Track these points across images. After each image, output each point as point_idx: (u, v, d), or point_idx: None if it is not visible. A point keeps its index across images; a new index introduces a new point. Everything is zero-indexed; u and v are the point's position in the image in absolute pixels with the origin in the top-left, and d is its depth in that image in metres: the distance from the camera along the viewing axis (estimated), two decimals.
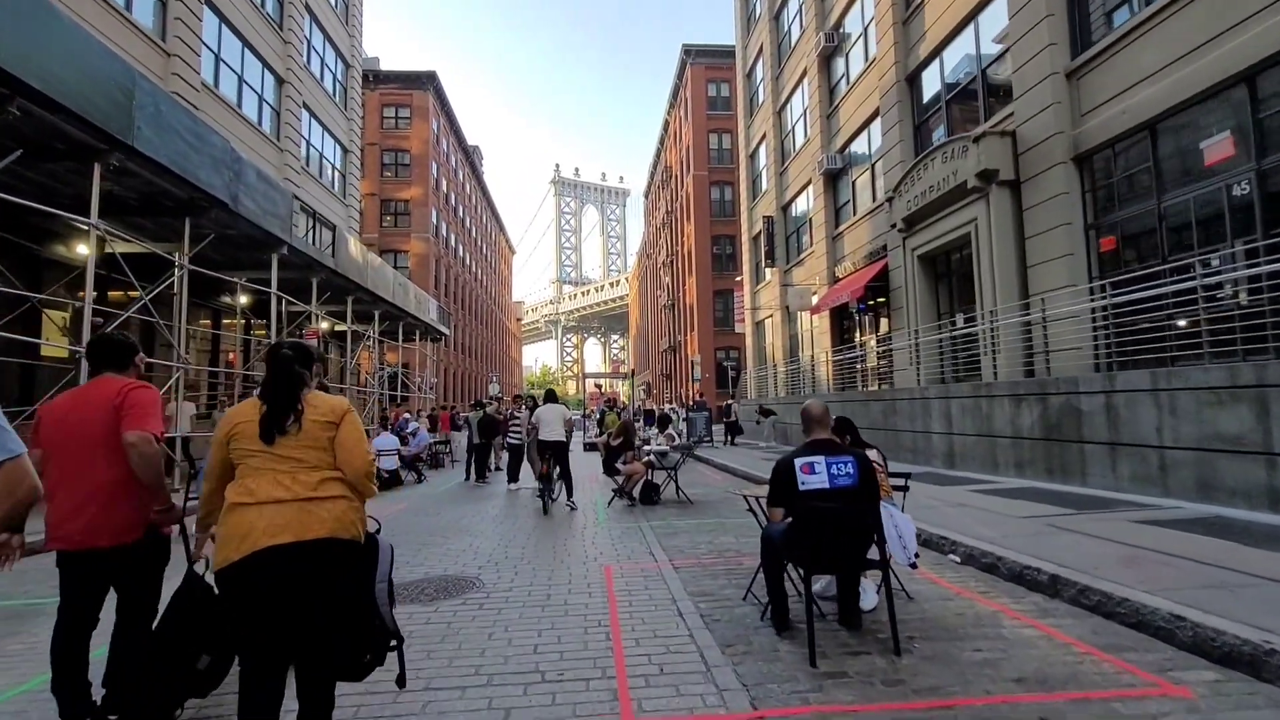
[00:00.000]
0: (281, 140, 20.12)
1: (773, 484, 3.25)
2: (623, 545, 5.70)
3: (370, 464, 2.32)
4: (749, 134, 27.54)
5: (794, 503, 3.07)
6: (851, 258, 17.18)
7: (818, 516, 2.93)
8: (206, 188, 10.22)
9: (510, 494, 9.91)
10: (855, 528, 2.98)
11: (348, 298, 17.45)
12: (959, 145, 11.22)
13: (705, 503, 8.20)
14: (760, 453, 15.67)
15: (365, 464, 2.28)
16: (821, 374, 18.35)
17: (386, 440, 11.00)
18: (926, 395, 10.62)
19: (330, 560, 2.03)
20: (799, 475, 3.07)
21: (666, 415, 9.52)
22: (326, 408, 2.23)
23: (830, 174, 18.48)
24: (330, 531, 2.04)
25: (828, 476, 3.02)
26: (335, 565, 2.05)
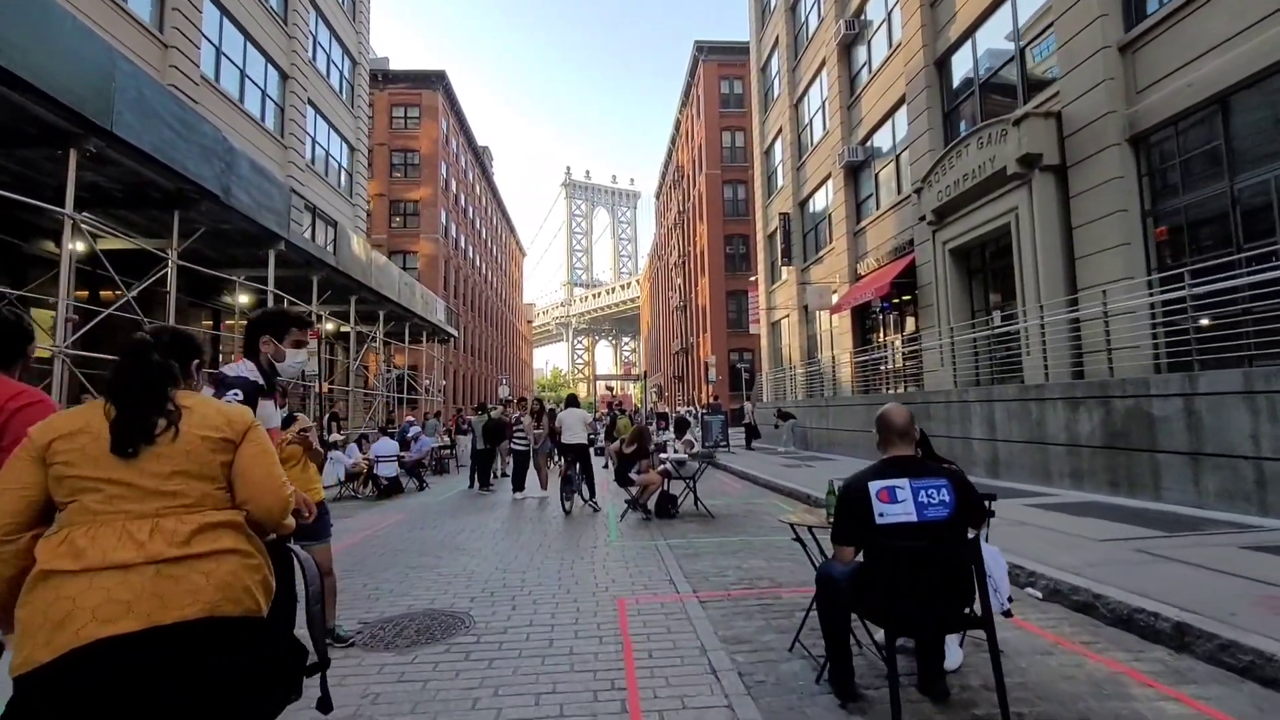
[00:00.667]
0: (286, 137, 19.64)
1: (839, 514, 2.52)
2: (638, 569, 4.99)
3: (289, 499, 1.63)
4: (764, 130, 26.77)
5: (868, 539, 2.35)
6: (875, 254, 16.37)
7: (901, 560, 2.22)
8: (195, 178, 9.65)
9: (515, 504, 9.22)
10: (952, 576, 2.25)
11: (351, 297, 16.90)
12: (997, 129, 10.42)
13: (727, 516, 7.47)
14: (780, 458, 14.89)
15: (282, 500, 1.60)
16: (843, 375, 17.54)
17: (385, 445, 10.37)
18: (965, 398, 9.81)
19: (208, 650, 1.33)
20: (875, 504, 2.33)
21: (684, 419, 8.77)
22: (220, 419, 1.54)
23: (851, 167, 17.69)
24: (208, 608, 1.34)
25: (914, 506, 2.28)
26: (216, 654, 1.34)
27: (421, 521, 7.79)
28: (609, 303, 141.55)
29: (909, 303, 15.12)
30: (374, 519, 8.13)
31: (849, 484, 2.47)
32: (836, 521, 2.55)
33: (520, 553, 5.71)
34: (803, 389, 21.01)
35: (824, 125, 19.98)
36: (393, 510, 8.97)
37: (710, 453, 7.64)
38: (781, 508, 8.06)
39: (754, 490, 10.16)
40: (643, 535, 6.45)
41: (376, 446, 10.37)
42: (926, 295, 13.32)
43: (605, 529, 6.93)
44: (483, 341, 49.58)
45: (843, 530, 2.52)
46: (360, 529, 7.34)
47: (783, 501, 8.62)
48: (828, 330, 20.16)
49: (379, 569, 5.18)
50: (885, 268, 15.43)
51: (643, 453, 7.33)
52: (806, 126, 21.88)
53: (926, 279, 13.30)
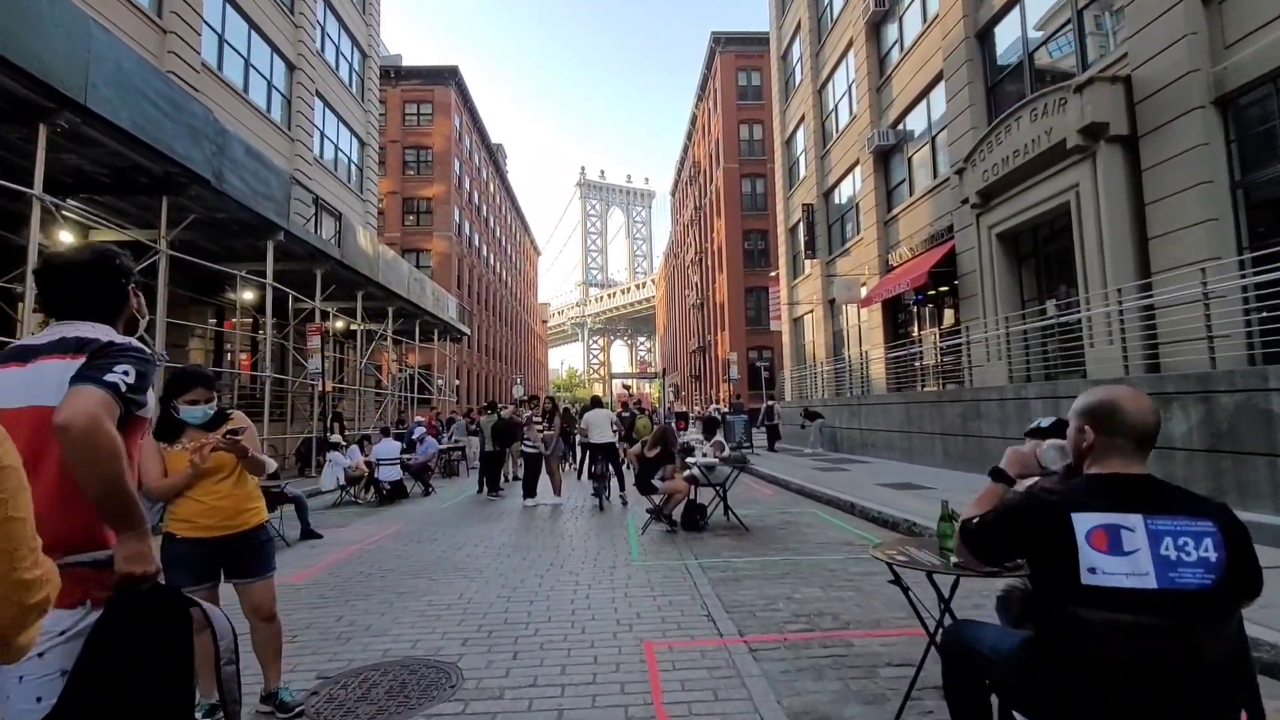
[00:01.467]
0: (293, 130, 19.07)
1: (1000, 535, 1.61)
2: (667, 599, 4.15)
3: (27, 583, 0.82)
4: (785, 119, 25.80)
5: (1062, 602, 1.46)
6: (908, 243, 15.37)
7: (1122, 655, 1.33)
8: (183, 160, 8.98)
9: (525, 512, 8.42)
10: (1206, 688, 1.36)
11: (358, 293, 16.24)
12: (1054, 98, 9.42)
13: (763, 529, 6.60)
14: (809, 460, 13.96)
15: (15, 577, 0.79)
16: (874, 373, 16.55)
17: (387, 448, 9.62)
18: (1024, 395, 8.83)
19: None
20: (1084, 549, 1.38)
21: (713, 418, 7.89)
22: None
23: (881, 152, 16.69)
24: None
25: (1153, 562, 1.39)
26: None
27: (420, 533, 7.01)
28: (624, 302, 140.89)
29: (947, 294, 14.13)
30: (369, 529, 7.38)
31: (1029, 506, 1.55)
32: (988, 549, 1.64)
33: (528, 574, 4.90)
34: (828, 387, 20.02)
35: (850, 110, 19.00)
36: (392, 518, 8.22)
37: (743, 456, 6.77)
38: (822, 517, 7.18)
39: (787, 497, 9.27)
40: (669, 552, 5.61)
41: (378, 449, 9.64)
42: (969, 284, 12.32)
43: (625, 543, 6.10)
44: (497, 341, 49.03)
45: (995, 551, 1.63)
46: (350, 541, 6.58)
47: (822, 510, 7.73)
48: (855, 325, 19.16)
49: (359, 596, 4.39)
50: (920, 257, 14.44)
51: (667, 456, 6.49)
52: (831, 113, 20.89)
53: (969, 267, 12.30)
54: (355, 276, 15.37)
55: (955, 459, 10.58)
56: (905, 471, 10.59)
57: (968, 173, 11.77)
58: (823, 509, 7.85)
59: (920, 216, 14.87)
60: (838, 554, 5.25)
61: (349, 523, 7.99)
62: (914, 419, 12.18)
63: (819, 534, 6.21)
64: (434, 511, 8.76)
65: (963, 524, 1.71)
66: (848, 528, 6.52)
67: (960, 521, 1.74)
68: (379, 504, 9.54)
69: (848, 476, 10.37)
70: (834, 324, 20.96)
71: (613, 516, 7.85)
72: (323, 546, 6.36)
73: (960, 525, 1.72)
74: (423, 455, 10.94)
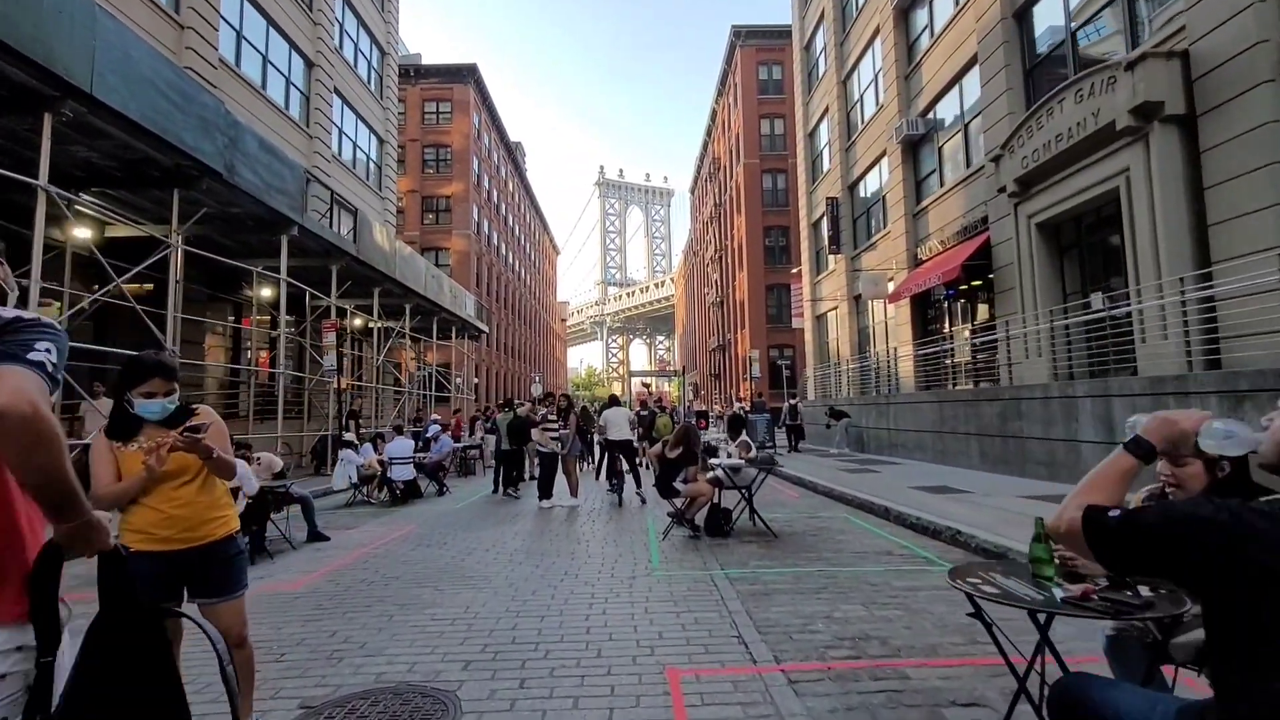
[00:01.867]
0: (311, 126, 19.01)
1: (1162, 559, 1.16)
2: (691, 615, 3.76)
3: None
4: (808, 111, 25.21)
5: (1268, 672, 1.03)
6: (938, 236, 14.78)
7: None
8: (193, 152, 8.79)
9: (541, 514, 8.09)
10: None
11: (374, 289, 16.08)
12: (1102, 78, 8.83)
13: (792, 535, 6.17)
14: (834, 460, 13.45)
15: None
16: (902, 370, 15.97)
17: (400, 446, 9.35)
18: (1071, 394, 8.26)
19: None
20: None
21: (739, 416, 7.46)
22: None
23: (910, 142, 16.10)
24: None
25: None
26: None
27: (430, 536, 6.70)
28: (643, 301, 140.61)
29: (980, 288, 13.53)
30: (379, 531, 7.09)
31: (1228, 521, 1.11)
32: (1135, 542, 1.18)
33: (540, 584, 4.54)
34: (852, 386, 19.45)
35: (877, 100, 18.41)
36: (403, 519, 7.93)
37: (770, 458, 6.33)
38: (855, 523, 6.73)
39: (815, 500, 8.82)
40: (692, 560, 5.21)
41: (391, 447, 9.37)
42: (1005, 278, 11.73)
43: (645, 549, 5.72)
44: (516, 339, 48.98)
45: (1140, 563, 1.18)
46: (358, 544, 6.28)
47: (854, 515, 7.27)
48: (882, 322, 18.57)
49: (358, 607, 4.07)
50: (952, 250, 13.84)
51: (690, 458, 6.09)
52: (856, 104, 20.29)
53: (1005, 259, 11.71)
54: (371, 273, 15.20)
55: (993, 461, 10.02)
56: (939, 474, 10.07)
57: (1005, 160, 11.18)
58: (854, 514, 7.39)
59: (952, 208, 14.26)
60: (877, 565, 4.82)
61: (360, 524, 7.73)
62: (947, 419, 11.63)
63: (854, 542, 5.77)
64: (447, 513, 8.46)
65: (1091, 513, 1.25)
66: (884, 535, 6.07)
67: (1087, 508, 1.26)
68: (392, 504, 9.28)
69: (878, 478, 9.88)
70: (859, 321, 20.37)
71: (631, 520, 7.48)
72: (328, 550, 6.08)
73: (1087, 513, 1.25)
74: (437, 454, 10.67)
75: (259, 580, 4.92)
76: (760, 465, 6.21)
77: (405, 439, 9.46)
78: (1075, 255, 10.70)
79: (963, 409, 11.05)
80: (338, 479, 9.22)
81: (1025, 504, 6.77)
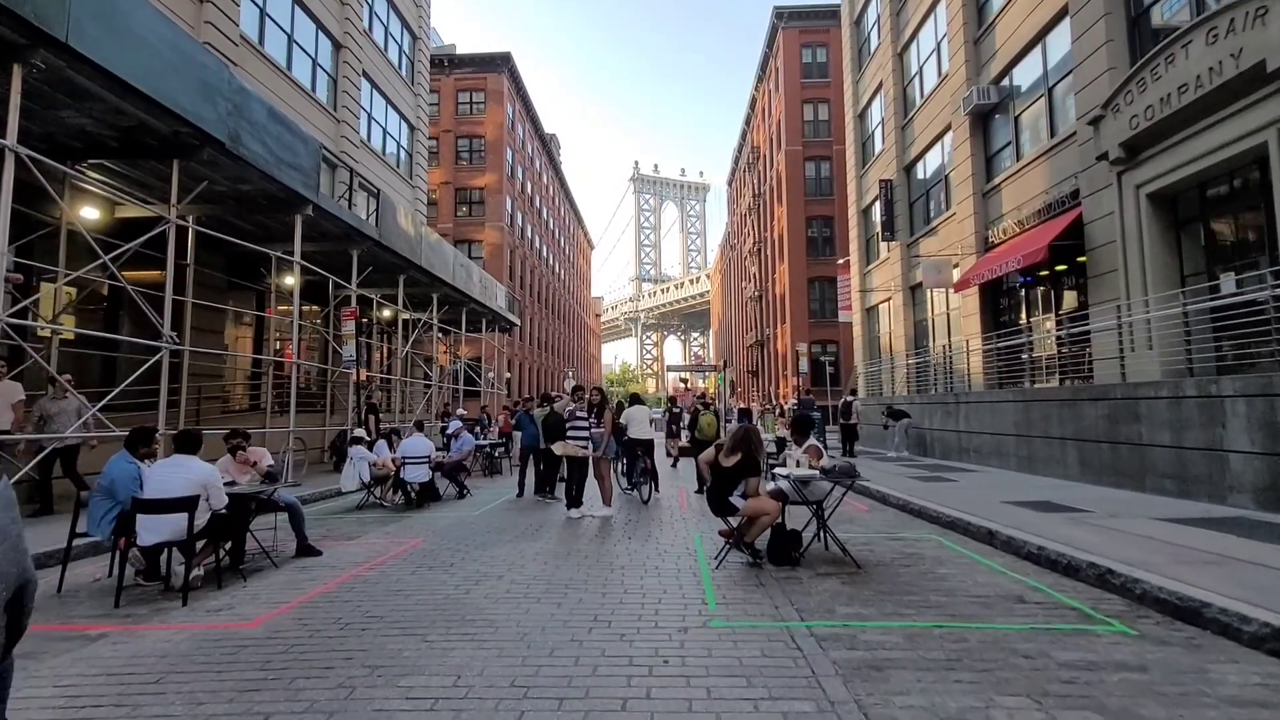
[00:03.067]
0: (339, 110, 18.37)
1: None
2: (774, 703, 2.60)
3: None
4: (858, 90, 23.60)
5: None
6: (1014, 216, 13.19)
7: None
8: (192, 118, 7.96)
9: (568, 525, 7.00)
10: None
11: (399, 277, 15.27)
12: (1247, 9, 7.27)
13: (880, 566, 4.92)
14: (897, 465, 12.05)
15: None
16: (967, 366, 14.43)
17: (415, 445, 8.38)
18: (1214, 392, 6.76)
19: None
20: None
21: (807, 416, 6.16)
22: None
23: (980, 113, 14.51)
24: None
25: None
26: None
27: (437, 553, 5.67)
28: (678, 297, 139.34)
29: (1066, 272, 11.95)
30: (379, 545, 6.10)
31: None
32: None
33: (561, 635, 3.42)
34: (908, 383, 17.91)
35: (939, 71, 16.81)
36: (412, 529, 6.94)
37: (851, 468, 5.03)
38: (951, 548, 5.44)
39: (889, 515, 7.52)
40: (759, 602, 4.03)
41: (405, 445, 8.40)
42: (1103, 259, 10.17)
43: (695, 579, 4.56)
44: (549, 334, 48.27)
45: None
46: (349, 563, 5.28)
47: (945, 537, 5.98)
48: (943, 313, 16.99)
49: (315, 668, 3.01)
50: (1033, 230, 12.27)
51: (749, 467, 4.88)
52: (914, 77, 18.68)
53: (1103, 237, 10.15)
54: (395, 259, 14.37)
55: (1097, 471, 8.53)
56: (1031, 485, 8.63)
57: (1107, 122, 9.64)
58: (944, 534, 6.09)
59: (1032, 183, 12.67)
60: (1014, 620, 3.56)
61: (363, 533, 6.77)
62: (1034, 421, 10.14)
63: (964, 578, 4.50)
64: (463, 520, 7.45)
65: None
66: (999, 568, 4.78)
67: None
68: (405, 508, 8.33)
69: (958, 490, 8.50)
70: (916, 313, 18.78)
71: (674, 536, 6.33)
72: (314, 569, 5.10)
73: None
74: (457, 453, 9.69)
75: (212, 615, 3.94)
76: (838, 477, 4.97)
77: (421, 437, 8.49)
78: (1196, 230, 9.09)
79: (1056, 410, 9.56)
80: (346, 479, 8.31)
81: (1174, 530, 5.38)
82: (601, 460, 7.67)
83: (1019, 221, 12.97)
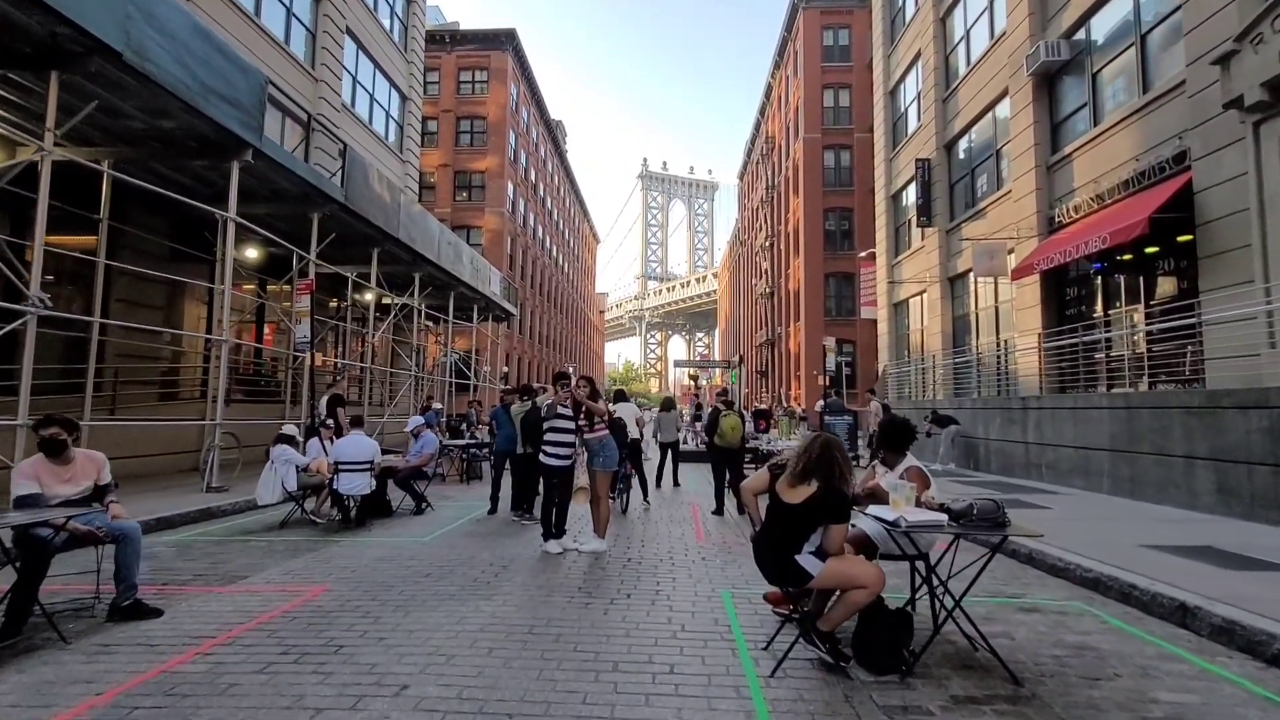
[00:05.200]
0: (317, 69, 16.47)
1: None
2: None
3: None
4: (889, 65, 21.60)
5: None
6: (1090, 190, 11.18)
7: None
8: (70, 14, 6.05)
9: (543, 566, 5.06)
10: None
11: (373, 250, 13.35)
12: None
13: (1053, 679, 2.95)
14: (947, 480, 10.08)
15: None
16: (1022, 366, 12.45)
17: (353, 446, 6.43)
18: None
19: None
20: None
21: (905, 425, 3.99)
22: None
23: (1047, 74, 12.51)
24: None
25: None
26: None
27: (335, 616, 3.72)
28: (683, 296, 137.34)
29: (1159, 255, 9.96)
30: (265, 595, 4.16)
31: None
32: None
33: None
34: (945, 386, 15.92)
35: (991, 31, 14.82)
36: (328, 565, 5.00)
37: (997, 508, 2.95)
38: (1128, 630, 3.49)
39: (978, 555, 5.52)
40: None
41: (339, 447, 6.45)
42: (1226, 234, 8.17)
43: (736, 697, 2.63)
44: (551, 328, 46.33)
45: None
46: (188, 636, 3.35)
47: (1095, 603, 4.03)
48: (989, 307, 15.00)
49: None
50: (1120, 204, 10.27)
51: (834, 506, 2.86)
52: (960, 42, 16.65)
53: (1227, 206, 8.15)
54: (368, 230, 12.45)
55: (1249, 503, 6.53)
56: (1148, 518, 6.65)
57: (1242, 58, 7.63)
58: (1090, 598, 4.14)
59: (1116, 150, 10.66)
60: None
61: (258, 570, 4.85)
62: (1140, 433, 8.14)
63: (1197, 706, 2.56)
64: (403, 552, 5.51)
65: None
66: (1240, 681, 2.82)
67: None
68: (343, 527, 6.41)
69: (1062, 523, 6.52)
70: (955, 307, 16.78)
71: (696, 592, 4.40)
72: (132, 642, 3.21)
73: None
74: (415, 456, 7.74)
75: None
76: (976, 525, 2.99)
77: (361, 436, 6.54)
78: None
79: (1179, 420, 7.55)
80: (264, 489, 6.37)
81: None
82: (600, 476, 5.70)
83: (1096, 196, 10.95)
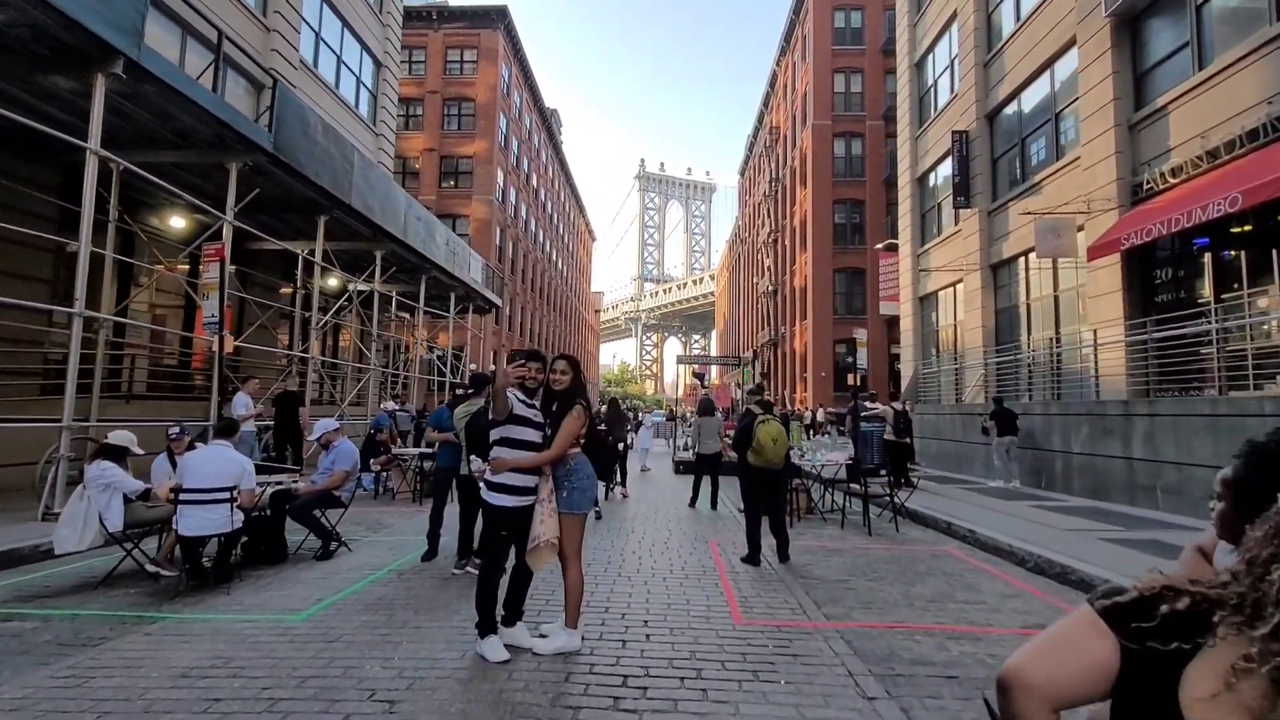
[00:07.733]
0: (268, 16, 14.21)
1: None
2: None
3: None
4: (915, 35, 19.52)
5: None
6: (1195, 146, 9.06)
7: None
8: None
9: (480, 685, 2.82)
10: None
11: (319, 218, 11.12)
12: None
13: None
14: (1028, 503, 7.92)
15: None
16: (1099, 365, 10.33)
17: (204, 465, 4.19)
18: None
19: None
20: None
21: None
22: None
23: (1130, 14, 10.39)
24: None
25: None
26: None
27: None
28: (680, 298, 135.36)
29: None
30: None
31: None
32: None
33: None
34: (985, 388, 13.78)
35: None
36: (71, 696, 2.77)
37: None
38: None
39: None
40: None
41: (187, 465, 4.22)
42: None
43: None
44: (543, 326, 44.03)
45: None
46: None
47: None
48: (1045, 295, 12.87)
49: None
50: (1245, 159, 8.15)
51: None
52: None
53: None
54: (310, 191, 10.22)
55: None
56: None
57: None
58: None
59: (1235, 94, 8.54)
60: None
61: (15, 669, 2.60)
62: None
63: None
64: (234, 655, 3.27)
65: None
66: None
67: None
68: (190, 588, 4.16)
69: None
70: (1000, 298, 14.64)
71: None
72: None
73: None
74: (323, 476, 5.50)
75: None
76: None
77: (221, 448, 4.30)
78: None
79: None
80: (65, 529, 4.10)
81: None
82: (569, 522, 3.46)
83: (1207, 153, 8.82)
